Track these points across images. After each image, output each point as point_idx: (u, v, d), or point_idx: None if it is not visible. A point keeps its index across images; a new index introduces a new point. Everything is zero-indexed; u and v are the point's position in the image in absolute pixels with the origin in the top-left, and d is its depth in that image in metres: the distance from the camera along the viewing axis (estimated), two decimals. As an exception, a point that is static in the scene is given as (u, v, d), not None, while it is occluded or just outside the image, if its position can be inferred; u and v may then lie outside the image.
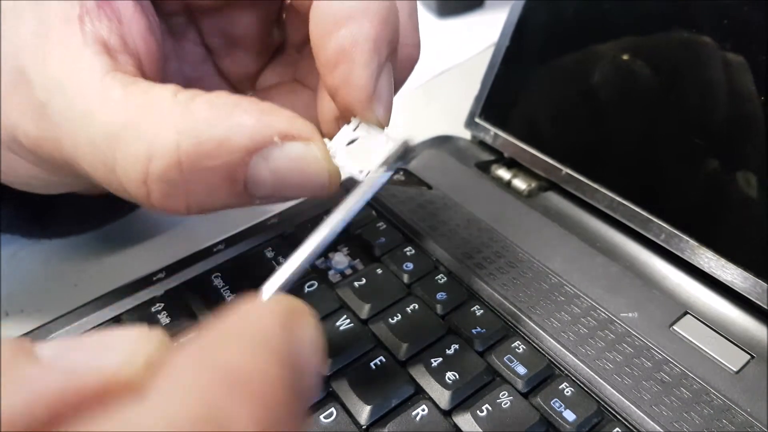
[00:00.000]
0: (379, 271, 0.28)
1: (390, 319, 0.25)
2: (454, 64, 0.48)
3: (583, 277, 0.28)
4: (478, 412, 0.22)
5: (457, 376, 0.23)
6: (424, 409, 0.23)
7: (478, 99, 0.36)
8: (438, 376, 0.23)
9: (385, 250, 0.29)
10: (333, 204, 0.19)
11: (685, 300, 0.27)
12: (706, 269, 0.27)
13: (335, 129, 0.21)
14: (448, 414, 0.23)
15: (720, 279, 0.26)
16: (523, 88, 0.34)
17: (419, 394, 0.23)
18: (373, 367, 0.24)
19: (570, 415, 0.23)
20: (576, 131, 0.32)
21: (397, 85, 0.24)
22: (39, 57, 0.20)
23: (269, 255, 0.29)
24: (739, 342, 0.25)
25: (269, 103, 0.19)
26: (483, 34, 0.50)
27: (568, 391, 0.23)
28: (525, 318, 0.26)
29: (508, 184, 0.34)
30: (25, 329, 0.26)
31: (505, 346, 0.25)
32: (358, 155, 0.21)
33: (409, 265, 0.28)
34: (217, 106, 0.18)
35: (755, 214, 0.26)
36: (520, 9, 0.34)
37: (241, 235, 0.30)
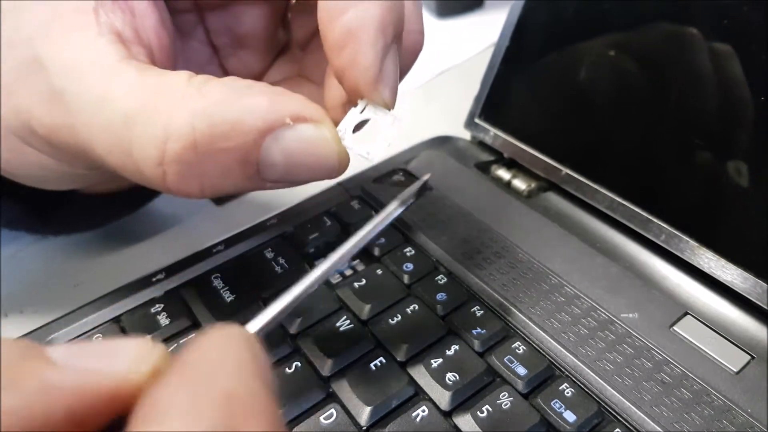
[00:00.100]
0: (379, 271, 0.28)
1: (390, 320, 0.25)
2: (453, 65, 0.48)
3: (583, 278, 0.28)
4: (479, 413, 0.22)
5: (458, 377, 0.23)
6: (424, 410, 0.23)
7: (477, 99, 0.36)
8: (438, 376, 0.23)
9: (385, 251, 0.29)
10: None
11: (685, 300, 0.27)
12: (706, 270, 0.27)
13: (342, 116, 0.21)
14: (449, 415, 0.23)
15: (720, 279, 0.26)
16: (522, 88, 0.34)
17: (419, 395, 0.23)
18: (373, 368, 0.24)
19: (570, 415, 0.23)
20: (576, 131, 0.32)
21: (402, 71, 0.24)
22: (54, 45, 0.20)
23: (269, 256, 0.29)
24: (739, 342, 0.25)
25: (281, 87, 0.20)
26: (483, 35, 0.50)
27: (568, 392, 0.23)
28: (525, 319, 0.26)
29: (508, 185, 0.34)
30: (24, 330, 0.26)
31: (505, 347, 0.25)
32: (366, 137, 0.21)
33: (409, 266, 0.28)
34: (231, 89, 0.19)
35: (755, 214, 0.26)
36: (519, 9, 0.34)
37: (241, 235, 0.30)
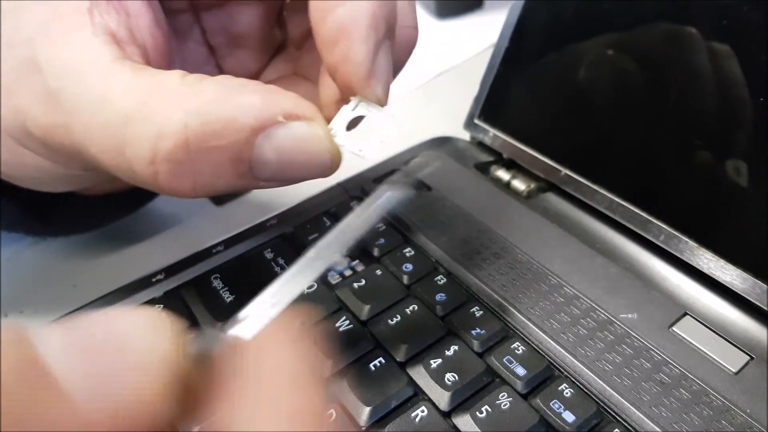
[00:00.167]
0: (379, 272, 0.28)
1: (389, 320, 0.25)
2: (453, 65, 0.48)
3: (583, 278, 0.28)
4: (478, 413, 0.22)
5: (457, 378, 0.23)
6: (423, 411, 0.23)
7: (477, 100, 0.36)
8: (437, 377, 0.23)
9: (384, 251, 0.29)
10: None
11: (685, 301, 0.27)
12: (706, 270, 0.27)
13: (336, 113, 0.21)
14: (448, 415, 0.23)
15: (719, 280, 0.26)
16: (522, 89, 0.34)
17: (419, 396, 0.23)
18: (373, 368, 0.24)
19: (569, 416, 0.23)
20: (575, 132, 0.32)
21: (397, 67, 0.24)
22: (50, 46, 0.20)
23: (269, 256, 0.29)
24: (738, 343, 0.25)
25: (274, 85, 0.20)
26: (482, 35, 0.50)
27: (567, 393, 0.23)
28: (524, 319, 0.26)
29: (508, 185, 0.34)
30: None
31: (504, 348, 0.25)
32: (358, 135, 0.21)
33: (409, 266, 0.28)
34: (224, 87, 0.19)
35: (754, 215, 0.26)
36: (519, 10, 0.34)
37: (241, 236, 0.30)
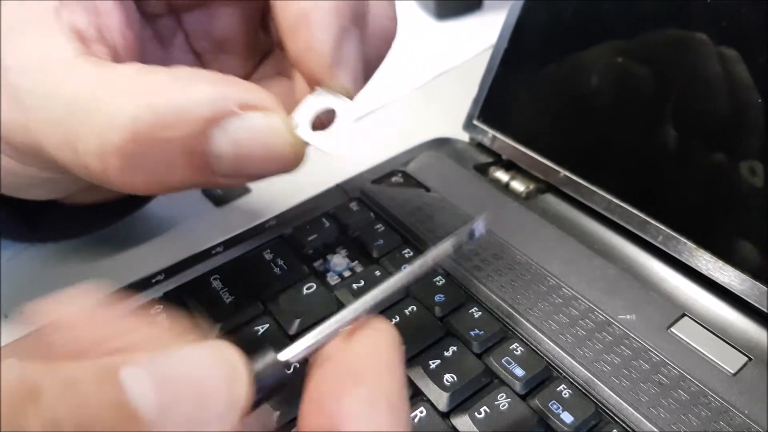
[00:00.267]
0: (378, 273, 0.28)
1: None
2: (452, 66, 0.48)
3: (581, 279, 0.28)
4: (476, 414, 0.22)
5: (455, 378, 0.23)
6: (422, 411, 0.23)
7: (476, 101, 0.36)
8: (436, 378, 0.24)
9: (383, 252, 0.29)
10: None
11: (683, 302, 0.27)
12: (704, 271, 0.27)
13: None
14: (446, 416, 0.23)
15: (718, 281, 0.27)
16: (521, 90, 0.34)
17: (417, 396, 0.23)
18: (372, 369, 0.24)
19: (568, 417, 0.23)
20: (574, 133, 0.32)
21: (374, 61, 0.24)
22: (13, 45, 0.19)
23: (268, 257, 0.29)
24: (736, 344, 0.25)
25: (230, 75, 0.19)
26: (481, 36, 0.50)
27: (565, 393, 0.23)
28: (523, 320, 0.26)
29: (506, 187, 0.34)
30: (25, 331, 0.26)
31: (503, 348, 0.25)
32: (323, 127, 0.20)
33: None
34: (176, 77, 0.18)
35: (753, 216, 0.26)
36: (518, 11, 0.34)
37: (240, 237, 0.30)
